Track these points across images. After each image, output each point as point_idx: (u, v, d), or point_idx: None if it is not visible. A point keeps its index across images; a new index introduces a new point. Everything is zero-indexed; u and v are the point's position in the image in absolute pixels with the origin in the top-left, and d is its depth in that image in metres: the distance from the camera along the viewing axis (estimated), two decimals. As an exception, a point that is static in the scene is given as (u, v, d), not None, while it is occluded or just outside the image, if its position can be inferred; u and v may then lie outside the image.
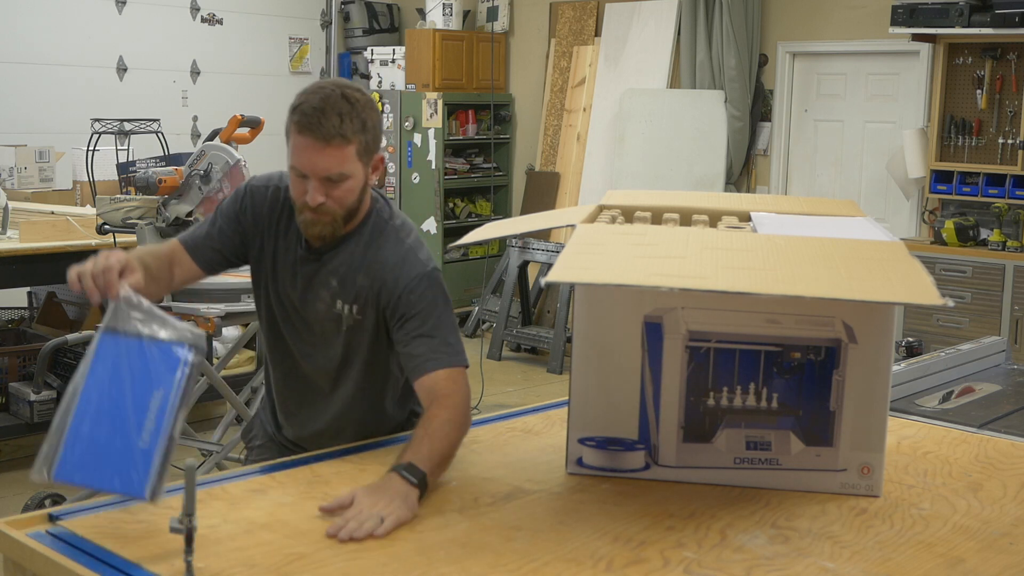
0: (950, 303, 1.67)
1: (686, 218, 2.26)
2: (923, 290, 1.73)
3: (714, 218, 2.28)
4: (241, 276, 4.29)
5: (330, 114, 2.13)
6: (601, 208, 2.32)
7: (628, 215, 2.27)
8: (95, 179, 6.19)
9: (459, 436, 2.08)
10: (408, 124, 8.53)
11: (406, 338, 2.20)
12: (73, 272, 2.00)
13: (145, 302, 1.96)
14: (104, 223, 4.51)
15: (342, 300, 2.28)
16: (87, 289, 1.98)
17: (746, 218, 2.30)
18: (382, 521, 1.79)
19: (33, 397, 5.13)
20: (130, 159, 6.12)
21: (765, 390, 2.01)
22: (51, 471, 1.87)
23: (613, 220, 2.23)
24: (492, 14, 8.80)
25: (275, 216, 2.35)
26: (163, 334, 1.93)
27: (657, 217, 2.27)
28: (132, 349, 1.92)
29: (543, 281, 1.75)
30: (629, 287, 1.97)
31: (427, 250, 2.32)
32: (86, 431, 1.88)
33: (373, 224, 2.31)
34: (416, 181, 8.56)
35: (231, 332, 5.92)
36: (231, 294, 4.18)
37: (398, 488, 1.89)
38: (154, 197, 4.37)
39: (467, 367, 2.20)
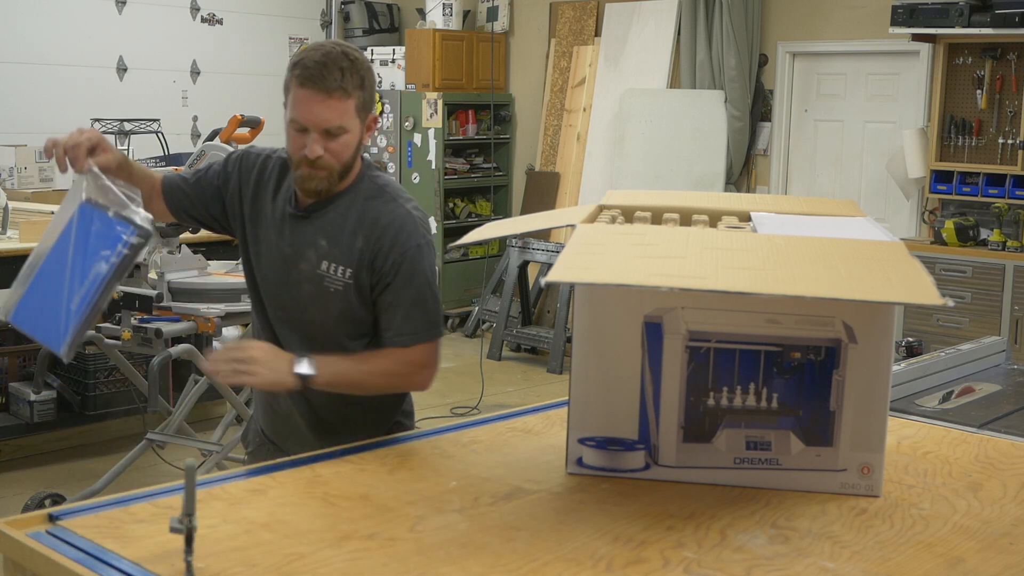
0: (950, 303, 1.66)
1: (686, 218, 2.26)
2: (923, 290, 1.73)
3: (714, 218, 2.28)
4: (242, 276, 4.30)
5: (332, 68, 2.20)
6: (601, 208, 2.32)
7: (628, 215, 2.27)
8: (95, 179, 6.18)
9: (379, 384, 2.30)
10: (408, 124, 8.53)
11: (388, 305, 2.28)
12: (49, 141, 2.19)
13: (106, 180, 2.14)
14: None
15: (328, 260, 2.30)
16: (57, 159, 2.18)
17: (746, 218, 2.30)
18: (244, 364, 2.14)
19: (33, 397, 5.13)
20: (130, 159, 6.11)
21: (765, 390, 2.01)
22: (9, 314, 2.15)
23: (613, 220, 2.23)
24: (492, 14, 8.80)
25: (263, 180, 2.38)
26: (114, 212, 2.10)
27: (657, 217, 2.27)
28: (86, 218, 2.12)
29: (543, 281, 1.75)
30: (629, 287, 1.97)
31: (425, 217, 2.36)
32: (40, 286, 2.13)
33: (367, 187, 2.33)
34: (416, 181, 8.56)
35: (231, 332, 5.92)
36: (231, 294, 4.18)
37: (287, 369, 2.18)
38: (154, 197, 4.36)
39: (441, 336, 2.34)
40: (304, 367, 2.20)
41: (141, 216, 2.10)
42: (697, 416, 2.02)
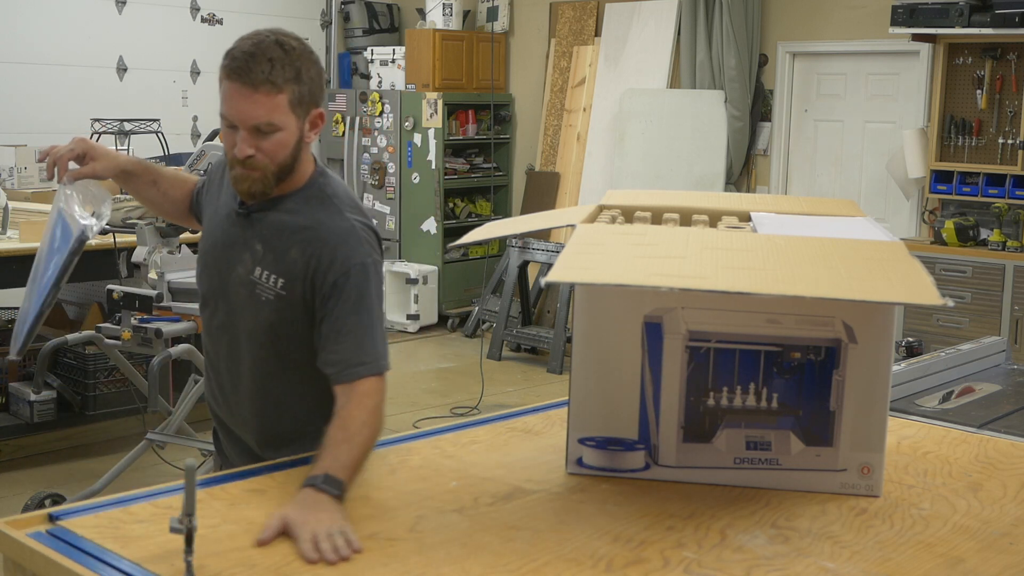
0: (950, 303, 1.67)
1: (686, 218, 2.26)
2: (923, 290, 1.74)
3: (714, 218, 2.28)
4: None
5: (260, 59, 2.04)
6: (601, 208, 2.32)
7: (628, 215, 2.27)
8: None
9: (374, 440, 2.01)
10: (408, 124, 8.53)
11: (332, 333, 2.07)
12: (47, 148, 2.34)
13: (73, 189, 2.35)
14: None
15: (261, 267, 2.14)
16: (47, 166, 2.32)
17: (746, 218, 2.30)
18: (343, 535, 1.70)
19: (33, 397, 5.13)
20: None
21: (765, 390, 2.01)
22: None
23: (613, 220, 2.23)
24: (492, 14, 8.79)
25: (223, 179, 2.27)
26: (70, 218, 2.34)
27: (657, 217, 2.27)
28: (57, 227, 2.39)
29: (543, 281, 1.75)
30: (629, 287, 1.97)
31: (374, 235, 2.17)
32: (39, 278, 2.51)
33: (315, 193, 2.16)
34: (416, 181, 8.56)
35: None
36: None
37: (324, 503, 1.79)
38: (154, 197, 4.36)
39: (388, 370, 2.08)
40: (330, 489, 1.84)
41: (83, 223, 2.31)
42: (697, 416, 2.02)
